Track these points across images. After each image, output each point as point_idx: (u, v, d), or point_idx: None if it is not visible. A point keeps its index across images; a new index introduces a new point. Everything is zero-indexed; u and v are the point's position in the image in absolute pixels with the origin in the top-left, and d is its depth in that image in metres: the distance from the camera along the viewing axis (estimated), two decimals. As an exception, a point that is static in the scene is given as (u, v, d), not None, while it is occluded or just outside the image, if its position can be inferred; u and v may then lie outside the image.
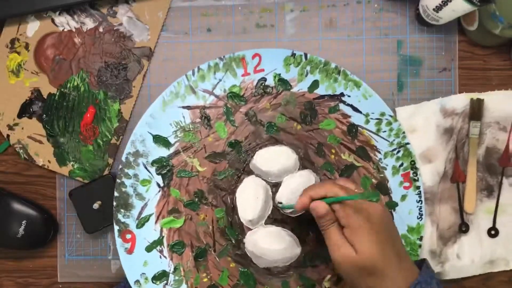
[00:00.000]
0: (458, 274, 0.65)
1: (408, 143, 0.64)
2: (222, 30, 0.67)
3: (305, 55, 0.64)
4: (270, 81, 0.64)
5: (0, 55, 0.67)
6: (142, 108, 0.67)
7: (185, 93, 0.63)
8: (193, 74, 0.63)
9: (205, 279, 0.62)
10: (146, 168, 0.62)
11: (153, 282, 0.61)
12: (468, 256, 0.65)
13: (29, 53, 0.67)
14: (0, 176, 0.69)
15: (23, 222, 0.66)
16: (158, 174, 0.63)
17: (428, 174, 0.65)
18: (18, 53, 0.67)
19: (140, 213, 0.62)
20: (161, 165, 0.63)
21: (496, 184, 0.65)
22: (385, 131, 0.64)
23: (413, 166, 0.64)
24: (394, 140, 0.64)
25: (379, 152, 0.64)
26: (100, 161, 0.67)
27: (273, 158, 0.63)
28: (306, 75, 0.64)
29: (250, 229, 0.63)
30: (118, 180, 0.62)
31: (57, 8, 0.66)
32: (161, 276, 0.62)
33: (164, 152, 0.63)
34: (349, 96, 0.64)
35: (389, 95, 0.66)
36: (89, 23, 0.67)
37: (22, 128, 0.68)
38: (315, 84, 0.64)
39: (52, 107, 0.67)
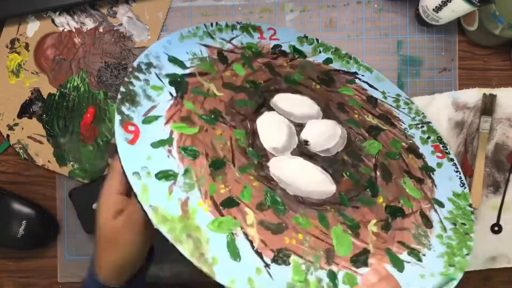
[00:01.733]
0: None
1: (430, 122, 0.63)
2: (222, 30, 0.67)
3: (317, 40, 0.65)
4: (286, 49, 0.64)
5: (0, 55, 0.67)
6: (142, 108, 0.66)
7: (203, 35, 0.60)
8: (211, 25, 0.62)
9: (223, 190, 0.48)
10: (158, 77, 0.53)
11: (156, 177, 0.47)
12: None
13: (29, 53, 0.67)
14: (0, 176, 0.69)
15: (23, 222, 0.66)
16: (171, 85, 0.53)
17: None
18: (18, 53, 0.67)
19: (148, 111, 0.51)
20: (175, 79, 0.54)
21: (503, 180, 0.65)
22: (404, 108, 0.64)
23: (441, 140, 0.63)
24: (415, 117, 0.63)
25: (403, 123, 0.63)
26: (100, 161, 0.67)
27: (295, 103, 0.58)
28: (320, 53, 0.65)
29: (274, 156, 0.54)
30: (126, 79, 0.51)
31: (57, 8, 0.66)
32: (167, 174, 0.47)
33: (179, 70, 0.55)
34: (363, 75, 0.65)
35: (389, 95, 0.66)
36: (89, 23, 0.67)
37: (22, 128, 0.68)
38: (328, 61, 0.65)
39: (52, 107, 0.67)
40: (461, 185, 0.61)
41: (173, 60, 0.56)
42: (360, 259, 0.49)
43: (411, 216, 0.55)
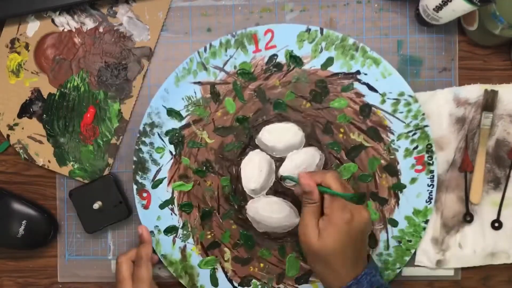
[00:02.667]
0: (459, 264, 0.65)
1: (426, 126, 0.63)
2: (222, 30, 0.67)
3: (321, 30, 0.64)
4: (282, 58, 0.65)
5: (0, 55, 0.67)
6: (142, 108, 0.67)
7: (197, 69, 0.65)
8: (205, 50, 0.65)
9: (209, 236, 0.67)
10: (160, 137, 0.66)
11: (164, 233, 0.67)
12: (470, 246, 0.65)
13: (29, 53, 0.67)
14: (0, 176, 0.69)
15: (23, 222, 0.66)
16: (170, 143, 0.66)
17: (440, 162, 0.65)
18: (18, 53, 0.67)
19: (155, 176, 0.67)
20: (173, 135, 0.66)
21: (504, 176, 0.65)
22: (402, 112, 0.64)
23: (429, 149, 0.63)
24: (411, 122, 0.64)
25: (392, 134, 0.64)
26: (100, 161, 0.67)
27: (279, 134, 0.65)
28: (321, 52, 0.64)
29: (252, 198, 0.66)
30: (136, 147, 0.66)
31: (57, 8, 0.66)
32: (171, 229, 0.67)
33: (176, 124, 0.66)
34: (365, 74, 0.64)
35: (389, 95, 0.66)
36: (89, 23, 0.67)
37: (22, 128, 0.68)
38: (329, 62, 0.64)
39: (52, 107, 0.67)
40: (428, 200, 0.64)
41: (171, 113, 0.66)
42: (303, 278, 0.66)
43: None
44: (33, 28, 0.67)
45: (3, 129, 0.68)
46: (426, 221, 0.64)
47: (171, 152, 0.66)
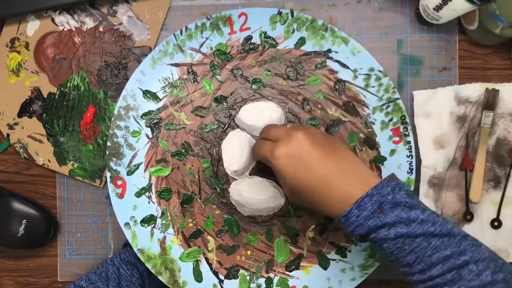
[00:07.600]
0: None
1: (398, 98, 0.64)
2: (222, 30, 0.67)
3: (291, 12, 0.64)
4: (256, 39, 0.65)
5: (0, 54, 0.67)
6: (142, 107, 0.67)
7: (173, 51, 0.65)
8: (181, 33, 0.64)
9: (191, 224, 0.65)
10: (136, 120, 0.65)
11: (141, 224, 0.64)
12: None
13: (29, 52, 0.67)
14: (0, 175, 0.69)
15: (23, 221, 0.66)
16: (147, 126, 0.65)
17: (440, 160, 0.65)
18: (18, 52, 0.67)
19: (130, 161, 0.65)
20: (150, 118, 0.65)
21: (504, 175, 0.65)
22: (374, 87, 0.64)
23: (403, 121, 0.64)
24: (383, 95, 0.64)
25: (367, 107, 0.65)
26: (100, 160, 0.67)
27: (259, 112, 0.65)
28: (293, 32, 0.65)
29: (235, 179, 0.65)
30: (110, 131, 0.64)
31: (57, 7, 0.66)
32: (149, 219, 0.64)
33: (153, 106, 0.65)
34: (336, 52, 0.64)
35: (389, 94, 0.66)
36: (89, 23, 0.67)
37: (22, 128, 0.68)
38: (301, 41, 0.65)
39: (52, 106, 0.67)
40: (409, 171, 0.64)
41: (148, 96, 0.65)
42: (294, 263, 0.64)
43: None
44: (33, 28, 0.67)
45: (3, 129, 0.68)
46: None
47: (147, 136, 0.65)
